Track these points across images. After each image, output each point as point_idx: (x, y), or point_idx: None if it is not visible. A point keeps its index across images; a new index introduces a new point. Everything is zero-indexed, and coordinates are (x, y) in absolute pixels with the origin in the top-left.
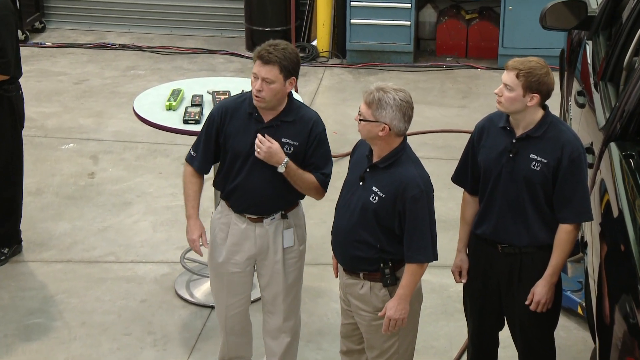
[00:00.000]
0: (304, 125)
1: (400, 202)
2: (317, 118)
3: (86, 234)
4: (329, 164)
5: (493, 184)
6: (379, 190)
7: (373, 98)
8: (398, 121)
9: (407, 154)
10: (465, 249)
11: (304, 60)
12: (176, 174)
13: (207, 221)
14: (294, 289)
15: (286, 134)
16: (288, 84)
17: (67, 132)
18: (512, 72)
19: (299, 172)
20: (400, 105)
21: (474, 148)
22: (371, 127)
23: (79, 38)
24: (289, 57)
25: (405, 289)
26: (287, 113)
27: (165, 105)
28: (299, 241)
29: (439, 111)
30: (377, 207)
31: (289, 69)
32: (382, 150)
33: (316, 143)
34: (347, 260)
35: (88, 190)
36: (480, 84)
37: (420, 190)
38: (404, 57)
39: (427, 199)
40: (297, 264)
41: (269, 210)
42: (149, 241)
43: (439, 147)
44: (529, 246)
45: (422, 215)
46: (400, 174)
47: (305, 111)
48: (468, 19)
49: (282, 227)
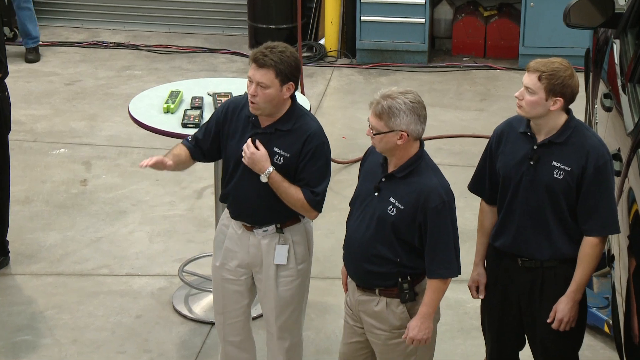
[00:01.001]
0: (299, 136)
1: (421, 214)
2: (315, 131)
3: (78, 245)
4: (323, 183)
5: (512, 193)
6: (397, 202)
7: (382, 108)
8: (414, 124)
9: (426, 162)
10: (482, 262)
11: (310, 60)
12: (174, 182)
13: (208, 232)
14: (289, 309)
15: (279, 143)
16: (285, 89)
17: (58, 136)
18: (533, 74)
19: (284, 186)
20: (413, 107)
21: (492, 154)
22: (388, 139)
23: (70, 36)
24: (286, 61)
25: (428, 306)
26: (284, 121)
27: (162, 107)
28: (297, 260)
29: (455, 115)
30: (396, 219)
31: (286, 74)
32: (399, 158)
33: (309, 157)
34: (361, 275)
35: (80, 199)
36: (499, 85)
37: (442, 201)
38: (418, 57)
39: (449, 209)
40: (293, 284)
41: (260, 221)
42: (145, 253)
43: (455, 153)
44: (551, 260)
45: (445, 227)
46: (420, 184)
47: (305, 121)
48: (486, 16)
49: (276, 242)
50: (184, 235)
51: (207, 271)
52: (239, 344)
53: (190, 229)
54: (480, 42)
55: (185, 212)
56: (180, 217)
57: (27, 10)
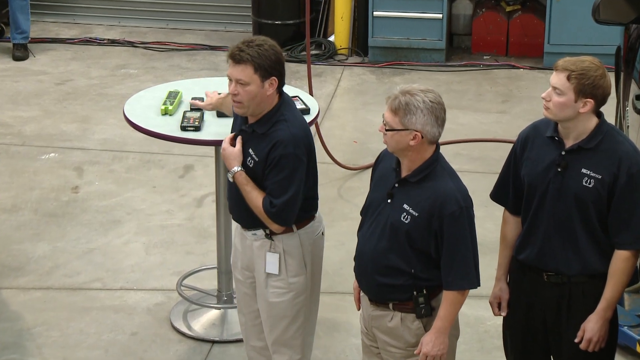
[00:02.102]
0: (268, 142)
1: (437, 221)
2: (284, 138)
3: (69, 257)
4: (283, 197)
5: (538, 202)
6: (411, 208)
7: (399, 103)
8: (431, 126)
9: (442, 166)
10: (505, 276)
11: (319, 59)
12: (172, 189)
13: (209, 243)
14: (282, 322)
15: (254, 145)
16: (268, 85)
17: (48, 139)
18: (562, 74)
19: (245, 189)
20: (432, 108)
21: (517, 160)
22: (400, 137)
23: (61, 32)
24: (264, 55)
25: (444, 320)
26: (262, 123)
27: (160, 109)
28: (289, 272)
29: (475, 117)
30: (410, 227)
31: (265, 68)
32: (412, 162)
33: (272, 166)
34: (374, 289)
35: (71, 207)
36: (522, 86)
37: (459, 207)
38: (435, 55)
39: (467, 216)
40: (284, 297)
41: (248, 223)
42: (141, 265)
43: (475, 159)
44: (579, 275)
45: (462, 234)
46: (436, 189)
47: (281, 127)
48: (509, 11)
49: (267, 249)
50: (183, 247)
51: (208, 285)
52: (260, 351)
53: (189, 239)
54: (502, 39)
55: (184, 222)
56: (178, 227)
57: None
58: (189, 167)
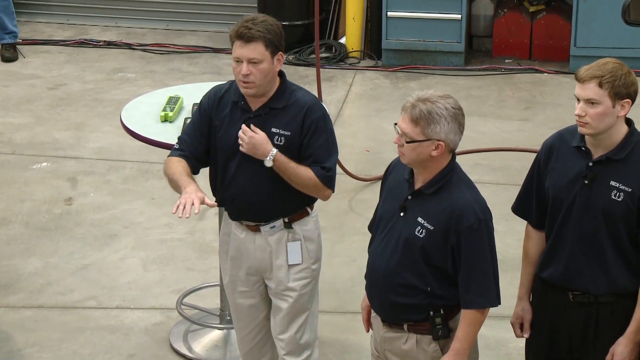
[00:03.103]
0: (296, 111)
1: (454, 235)
2: (313, 102)
3: (62, 274)
4: (332, 157)
5: (563, 216)
6: (426, 222)
7: (421, 112)
8: (454, 134)
9: (458, 176)
10: (528, 296)
11: (329, 62)
12: (172, 200)
13: (211, 259)
14: (301, 318)
15: (276, 122)
16: (276, 61)
17: (40, 148)
18: (592, 83)
19: (292, 166)
20: (455, 115)
21: (541, 171)
22: (423, 149)
23: (54, 33)
24: (272, 30)
25: (463, 341)
26: (277, 98)
27: (159, 116)
28: (311, 258)
29: (496, 125)
30: (425, 242)
31: (275, 43)
32: (428, 172)
33: (312, 132)
34: (387, 308)
35: (65, 220)
36: (546, 91)
37: (477, 219)
38: (453, 59)
39: (486, 229)
40: (307, 287)
41: (266, 216)
42: (139, 283)
43: (496, 169)
44: (607, 294)
45: (481, 249)
46: (452, 201)
47: (300, 95)
48: (533, 12)
49: (287, 239)
50: (183, 263)
51: (210, 304)
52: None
53: (190, 255)
54: (525, 41)
55: (184, 236)
56: (179, 242)
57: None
58: None
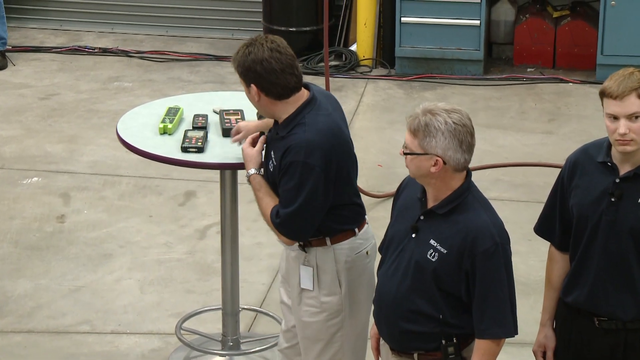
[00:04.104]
0: (284, 146)
1: (468, 259)
2: (297, 144)
3: (53, 296)
4: (290, 207)
5: (589, 236)
6: (438, 245)
7: (418, 124)
8: (453, 151)
9: (474, 196)
10: (551, 322)
11: (339, 70)
12: (171, 218)
13: (212, 281)
14: (317, 346)
15: (276, 148)
16: (254, 92)
17: (30, 162)
18: (632, 96)
19: (257, 195)
20: (455, 130)
21: (564, 189)
22: (420, 162)
23: (46, 39)
24: (239, 60)
25: None
26: (283, 125)
27: (158, 128)
28: (322, 289)
29: (517, 138)
30: (438, 266)
31: (243, 75)
32: (439, 191)
33: (282, 173)
34: (397, 336)
35: (56, 239)
36: (571, 102)
37: (494, 243)
38: (472, 67)
39: (503, 253)
40: (316, 317)
41: None
42: (135, 306)
43: (517, 186)
44: (636, 320)
45: (497, 275)
46: (467, 222)
47: (299, 130)
48: (556, 18)
49: (301, 261)
50: (183, 285)
51: (211, 328)
52: None
53: (190, 276)
54: (549, 49)
55: (184, 256)
56: (178, 262)
57: None
58: (190, 194)
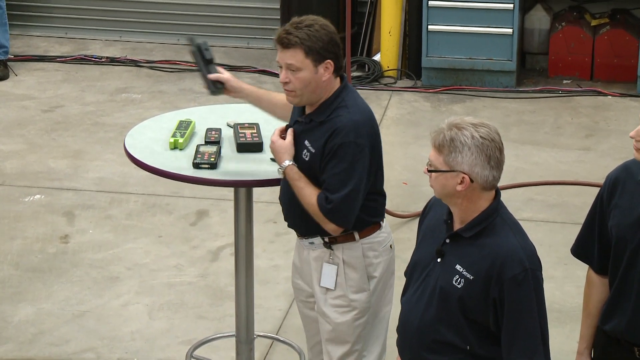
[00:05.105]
0: (326, 130)
1: (496, 286)
2: (344, 125)
3: (56, 322)
4: (342, 190)
5: (629, 260)
6: (465, 270)
7: (443, 139)
8: (481, 168)
9: (503, 218)
10: (589, 351)
11: (362, 82)
12: (181, 239)
13: (226, 306)
14: (341, 350)
15: (310, 136)
16: (322, 69)
17: (33, 178)
18: None
19: (297, 185)
20: (482, 145)
21: (603, 209)
22: (446, 180)
23: (51, 48)
24: (315, 36)
25: None
26: (320, 111)
27: (168, 142)
28: (350, 287)
29: (553, 155)
30: (464, 293)
31: (317, 50)
32: (465, 212)
33: (330, 157)
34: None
35: (60, 260)
36: (611, 117)
37: (524, 269)
38: (504, 79)
39: (533, 280)
40: (346, 315)
41: (304, 229)
42: (144, 332)
43: (552, 206)
44: None
45: (527, 303)
46: (495, 247)
47: (343, 113)
48: (595, 26)
49: (325, 259)
50: (194, 310)
51: (224, 357)
52: None
53: (202, 301)
54: (587, 59)
55: (195, 280)
56: (189, 286)
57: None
58: (202, 213)
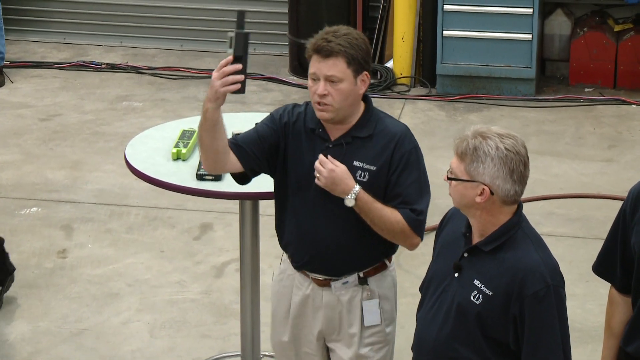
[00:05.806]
0: (385, 142)
1: (517, 303)
2: (404, 132)
3: (53, 340)
4: (423, 198)
5: None
6: (483, 286)
7: (467, 147)
8: (503, 181)
9: (524, 232)
10: None
11: (374, 89)
12: (185, 253)
13: (230, 324)
14: None
15: (359, 155)
16: (360, 82)
17: (29, 190)
18: None
19: (376, 207)
20: (506, 157)
21: (626, 224)
22: (465, 190)
23: (48, 54)
24: (355, 44)
25: None
26: (361, 126)
27: (171, 153)
28: (386, 320)
29: (574, 167)
30: (482, 309)
31: (358, 61)
32: (484, 225)
33: (402, 167)
34: None
35: (57, 276)
36: (635, 127)
37: (545, 285)
38: (522, 87)
39: (555, 297)
40: (379, 353)
41: (339, 269)
42: (145, 351)
43: (573, 220)
44: None
45: (549, 321)
46: (516, 261)
47: (389, 123)
48: (618, 32)
49: (361, 297)
50: (198, 328)
51: None
52: None
53: (206, 319)
54: (610, 66)
55: (199, 296)
56: (192, 303)
57: None
58: (206, 227)
